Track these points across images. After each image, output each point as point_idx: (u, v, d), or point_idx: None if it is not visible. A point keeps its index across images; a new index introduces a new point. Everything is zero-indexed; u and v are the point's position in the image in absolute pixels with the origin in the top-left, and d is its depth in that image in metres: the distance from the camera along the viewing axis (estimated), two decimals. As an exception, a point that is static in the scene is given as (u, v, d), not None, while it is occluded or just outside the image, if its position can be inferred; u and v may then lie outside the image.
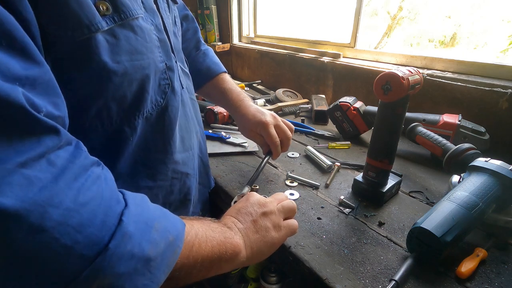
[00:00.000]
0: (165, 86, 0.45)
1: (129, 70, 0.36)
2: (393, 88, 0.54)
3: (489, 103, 0.86)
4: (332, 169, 0.77)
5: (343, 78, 1.24)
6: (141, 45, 0.38)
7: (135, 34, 0.37)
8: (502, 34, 1.42)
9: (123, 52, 0.35)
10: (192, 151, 0.57)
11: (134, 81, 0.38)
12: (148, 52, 0.39)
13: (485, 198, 0.51)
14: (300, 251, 0.52)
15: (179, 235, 0.32)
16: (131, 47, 0.36)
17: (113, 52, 0.34)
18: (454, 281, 0.46)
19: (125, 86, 0.37)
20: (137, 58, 0.38)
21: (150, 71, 0.40)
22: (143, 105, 0.41)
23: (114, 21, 0.34)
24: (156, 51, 0.42)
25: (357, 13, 1.20)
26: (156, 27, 0.42)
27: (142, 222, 0.29)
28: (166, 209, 0.34)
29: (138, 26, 0.37)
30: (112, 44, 0.34)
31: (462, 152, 0.66)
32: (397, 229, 0.57)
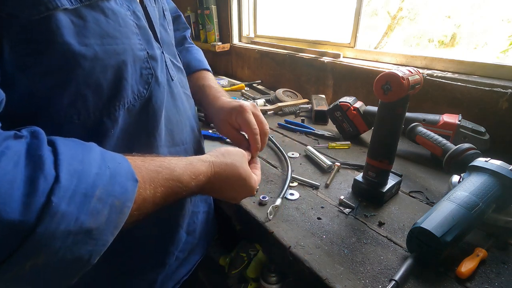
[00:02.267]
0: (147, 76, 0.42)
1: (100, 55, 0.34)
2: (393, 88, 0.54)
3: (489, 103, 0.86)
4: (332, 169, 0.77)
5: (343, 78, 1.24)
6: (113, 29, 0.36)
7: (106, 17, 0.35)
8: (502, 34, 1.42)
9: (92, 35, 0.33)
10: (185, 145, 0.54)
11: (108, 68, 0.36)
12: (122, 37, 0.37)
13: (485, 198, 0.51)
14: (300, 251, 0.52)
15: (129, 195, 0.30)
16: (101, 30, 0.34)
17: (79, 34, 0.32)
18: (454, 281, 0.46)
19: (97, 72, 0.35)
20: (109, 42, 0.35)
21: (126, 57, 0.38)
22: (123, 95, 0.39)
23: (80, 0, 0.32)
24: (134, 37, 0.40)
25: (357, 13, 1.20)
26: (134, 13, 0.40)
27: (79, 194, 0.26)
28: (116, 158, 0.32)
29: (109, 9, 0.35)
30: (78, 26, 0.32)
31: (462, 152, 0.66)
32: (397, 229, 0.57)
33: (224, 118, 0.59)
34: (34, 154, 0.25)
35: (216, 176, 0.44)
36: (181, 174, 0.39)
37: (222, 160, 0.46)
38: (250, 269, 1.06)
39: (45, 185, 0.24)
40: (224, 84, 1.60)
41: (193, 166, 0.41)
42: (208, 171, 0.43)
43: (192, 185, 0.40)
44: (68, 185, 0.25)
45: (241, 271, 1.11)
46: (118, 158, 0.32)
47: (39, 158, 0.25)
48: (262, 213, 0.62)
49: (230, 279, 1.14)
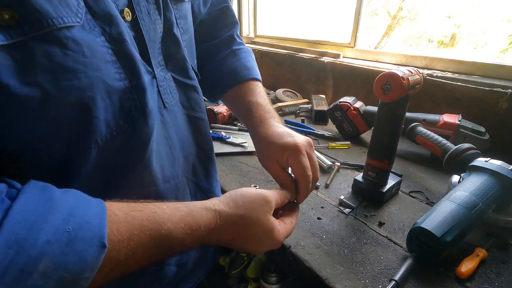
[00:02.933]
0: (130, 108, 0.36)
1: (52, 93, 0.29)
2: (393, 88, 0.54)
3: (489, 103, 0.86)
4: (332, 169, 0.77)
5: (343, 78, 1.24)
6: (74, 61, 0.30)
7: (63, 48, 0.29)
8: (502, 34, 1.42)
9: (41, 71, 0.28)
10: (176, 180, 0.47)
11: (66, 106, 0.30)
12: (87, 69, 0.31)
13: (485, 198, 0.51)
14: (300, 251, 0.52)
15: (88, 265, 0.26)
16: (54, 65, 0.29)
17: (22, 72, 0.27)
18: (454, 281, 0.46)
19: (51, 112, 0.29)
20: (65, 77, 0.30)
21: (94, 92, 0.32)
22: (94, 133, 0.33)
23: (23, 32, 0.26)
24: (107, 67, 0.34)
25: (357, 13, 1.20)
26: (111, 36, 0.34)
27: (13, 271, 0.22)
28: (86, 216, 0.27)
29: (69, 38, 0.29)
30: (21, 62, 0.27)
31: (462, 152, 0.66)
32: (397, 229, 0.57)
33: (273, 155, 0.49)
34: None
35: (223, 229, 0.37)
36: (171, 229, 0.33)
37: (233, 211, 0.38)
38: (250, 269, 1.06)
39: None
40: (224, 84, 1.60)
41: (192, 217, 0.35)
42: (211, 222, 0.36)
43: (188, 242, 0.34)
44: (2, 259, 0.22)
45: (241, 271, 1.11)
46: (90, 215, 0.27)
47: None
48: (262, 213, 0.61)
49: (230, 279, 1.14)
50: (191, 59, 0.51)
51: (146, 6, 0.39)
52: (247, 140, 0.91)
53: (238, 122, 1.09)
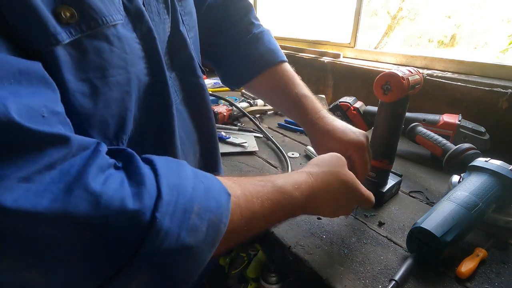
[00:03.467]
0: (150, 103, 0.38)
1: (101, 89, 0.30)
2: (393, 88, 0.54)
3: (489, 103, 0.86)
4: (332, 169, 0.77)
5: (343, 78, 1.24)
6: (118, 57, 0.31)
7: (110, 45, 0.30)
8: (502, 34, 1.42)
9: (92, 68, 0.29)
10: None
11: (111, 102, 0.32)
12: (128, 65, 0.33)
13: (485, 198, 0.51)
14: (300, 251, 0.52)
15: (224, 211, 0.29)
16: (102, 61, 0.30)
17: (77, 68, 0.28)
18: (454, 281, 0.46)
19: (100, 108, 0.31)
20: (111, 74, 0.31)
21: (131, 87, 0.34)
22: (127, 126, 0.35)
23: (81, 30, 0.27)
24: (139, 63, 0.35)
25: (357, 13, 1.20)
26: (141, 33, 0.35)
27: (180, 210, 0.25)
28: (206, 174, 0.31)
29: (114, 35, 0.30)
30: (76, 59, 0.27)
31: (462, 152, 0.66)
32: (397, 229, 0.57)
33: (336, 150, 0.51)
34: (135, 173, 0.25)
35: (318, 184, 0.41)
36: (283, 184, 0.37)
37: (320, 169, 0.43)
38: (250, 269, 1.06)
39: (149, 200, 0.24)
40: (224, 84, 1.60)
41: (292, 177, 0.40)
42: (309, 179, 0.41)
43: (297, 195, 0.38)
44: (169, 200, 0.25)
45: (241, 271, 1.11)
46: (208, 175, 0.31)
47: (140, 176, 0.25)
48: (262, 213, 0.61)
49: (230, 279, 1.14)
50: (197, 56, 0.51)
51: (156, 6, 0.39)
52: (247, 140, 0.92)
53: (238, 122, 1.09)
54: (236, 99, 1.29)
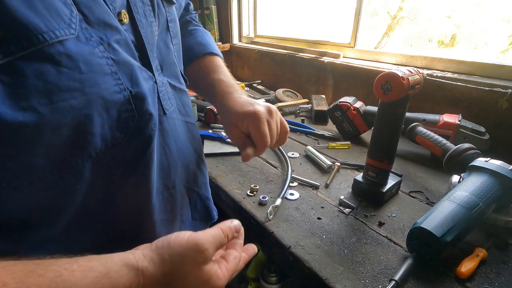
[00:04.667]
0: (127, 119, 0.34)
1: (48, 116, 0.26)
2: (393, 88, 0.54)
3: (489, 103, 0.86)
4: (332, 169, 0.77)
5: (343, 78, 1.24)
6: (69, 79, 0.27)
7: (56, 66, 0.26)
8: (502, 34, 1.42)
9: (35, 94, 0.25)
10: (170, 191, 0.46)
11: (62, 127, 0.28)
12: (85, 86, 0.28)
13: (485, 198, 0.51)
14: (300, 251, 0.52)
15: None
16: (48, 86, 0.26)
17: (13, 97, 0.24)
18: (454, 281, 0.46)
19: (47, 136, 0.27)
20: (61, 98, 0.27)
21: (91, 110, 0.29)
22: (87, 148, 0.31)
23: (10, 52, 0.23)
24: (106, 80, 0.31)
25: (357, 13, 1.20)
26: (109, 46, 0.31)
27: None
28: None
29: (62, 54, 0.26)
30: (11, 86, 0.24)
31: (462, 152, 0.66)
32: (397, 229, 0.57)
33: (234, 122, 0.50)
34: None
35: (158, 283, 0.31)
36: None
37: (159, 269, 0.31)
38: (250, 269, 1.06)
39: None
40: (224, 84, 1.60)
41: (109, 278, 0.28)
42: (133, 284, 0.30)
43: None
44: None
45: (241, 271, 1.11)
46: None
47: None
48: (262, 213, 0.62)
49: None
50: (179, 64, 0.51)
51: (142, 8, 0.37)
52: None
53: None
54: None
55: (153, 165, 0.39)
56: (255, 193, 0.68)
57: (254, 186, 0.69)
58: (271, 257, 0.95)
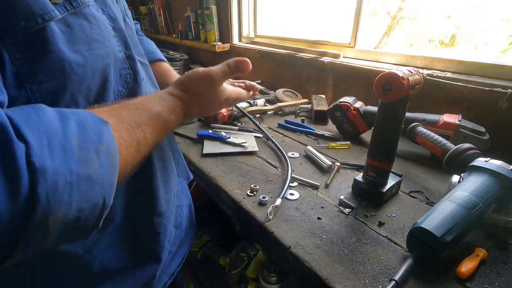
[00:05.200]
0: (126, 76, 0.45)
1: (89, 61, 0.36)
2: (393, 88, 0.54)
3: (489, 103, 0.86)
4: (332, 169, 0.77)
5: (343, 78, 1.24)
6: (96, 33, 0.38)
7: (89, 23, 0.37)
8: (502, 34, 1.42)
9: (80, 41, 0.35)
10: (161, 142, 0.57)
11: (96, 72, 0.38)
12: (105, 41, 0.39)
13: (485, 198, 0.51)
14: (300, 251, 0.52)
15: (107, 138, 0.30)
16: (86, 36, 0.36)
17: (69, 42, 0.34)
18: (454, 281, 0.46)
19: (88, 77, 0.37)
20: (94, 47, 0.37)
21: (110, 60, 0.40)
22: (107, 96, 0.42)
23: (66, 9, 0.33)
24: (113, 40, 0.42)
25: (357, 13, 1.20)
26: (109, 16, 0.42)
27: (57, 149, 0.25)
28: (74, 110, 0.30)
29: (90, 15, 0.37)
30: (67, 34, 0.34)
31: (462, 152, 0.66)
32: (397, 229, 0.57)
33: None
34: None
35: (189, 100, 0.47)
36: (160, 111, 0.41)
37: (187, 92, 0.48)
38: (250, 269, 1.06)
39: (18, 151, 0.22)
40: (224, 84, 1.60)
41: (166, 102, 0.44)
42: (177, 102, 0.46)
43: (173, 119, 0.43)
44: (40, 145, 0.24)
45: (241, 271, 1.11)
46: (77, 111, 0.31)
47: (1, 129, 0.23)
48: (262, 213, 0.62)
49: (230, 279, 1.14)
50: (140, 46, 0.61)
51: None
52: (247, 140, 0.92)
53: (238, 122, 1.09)
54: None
55: None
56: (255, 193, 0.68)
57: (254, 186, 0.69)
58: (271, 257, 0.95)
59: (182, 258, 0.67)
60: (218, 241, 1.36)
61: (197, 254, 1.32)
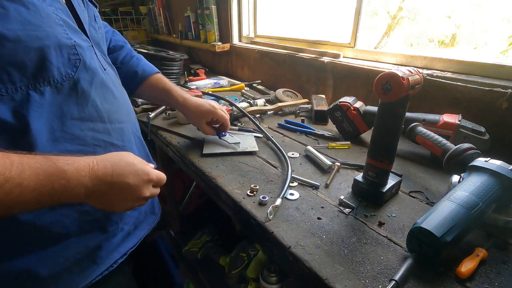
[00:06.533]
0: (75, 61, 0.51)
1: (22, 38, 0.43)
2: (393, 88, 0.54)
3: (489, 103, 0.86)
4: (332, 169, 0.77)
5: (343, 78, 1.24)
6: (34, 18, 0.44)
7: (26, 8, 0.43)
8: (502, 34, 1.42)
9: (14, 21, 0.42)
10: (121, 124, 0.62)
11: (31, 50, 0.44)
12: (44, 25, 0.45)
13: (485, 198, 0.51)
14: (300, 251, 0.52)
15: None
16: (22, 19, 0.43)
17: (3, 21, 0.41)
18: (454, 281, 0.46)
19: (21, 53, 0.43)
20: (31, 28, 0.44)
21: (49, 42, 0.46)
22: (48, 74, 0.47)
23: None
24: (57, 28, 0.48)
25: (357, 13, 1.20)
26: (57, 9, 0.49)
27: None
28: None
29: (29, 2, 0.44)
30: (1, 14, 0.41)
31: (462, 152, 0.66)
32: (397, 229, 0.57)
33: (203, 117, 0.86)
34: None
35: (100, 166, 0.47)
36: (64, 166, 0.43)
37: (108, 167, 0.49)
38: (250, 269, 1.06)
39: None
40: (224, 84, 1.60)
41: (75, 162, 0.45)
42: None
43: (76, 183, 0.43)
44: None
45: (241, 271, 1.11)
46: None
47: None
48: (262, 213, 0.62)
49: (230, 279, 1.14)
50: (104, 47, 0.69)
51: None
52: (241, 140, 0.93)
53: (238, 122, 1.09)
54: (236, 99, 1.29)
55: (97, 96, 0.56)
56: (255, 193, 0.68)
57: (254, 186, 0.69)
58: (271, 257, 0.95)
59: (137, 240, 0.67)
60: (218, 241, 1.37)
61: (197, 254, 1.32)
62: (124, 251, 0.64)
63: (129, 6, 2.76)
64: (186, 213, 1.55)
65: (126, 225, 0.64)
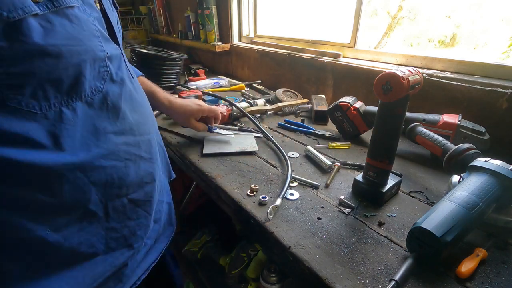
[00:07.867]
0: (104, 73, 0.49)
1: (64, 54, 0.41)
2: (393, 88, 0.54)
3: (489, 103, 0.86)
4: (332, 169, 0.77)
5: (343, 78, 1.24)
6: (77, 32, 0.42)
7: (70, 22, 0.41)
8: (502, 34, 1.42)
9: (59, 37, 0.40)
10: (149, 135, 0.60)
11: (70, 66, 0.42)
12: (85, 39, 0.44)
13: (485, 198, 0.51)
14: (300, 251, 0.52)
15: None
16: (66, 33, 0.41)
17: (48, 36, 0.39)
18: (454, 281, 0.46)
19: (60, 69, 0.41)
20: (72, 43, 0.42)
21: (87, 57, 0.44)
22: (81, 89, 0.45)
23: (47, 8, 0.38)
24: (95, 40, 0.46)
25: (357, 13, 1.20)
26: (95, 19, 0.47)
27: None
28: None
29: (73, 15, 0.42)
30: (47, 29, 0.39)
31: (462, 152, 0.66)
32: (397, 229, 0.57)
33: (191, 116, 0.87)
34: None
35: None
36: None
37: None
38: (250, 269, 1.06)
39: None
40: (224, 84, 1.60)
41: None
42: None
43: None
44: None
45: (241, 271, 1.11)
46: None
47: None
48: (262, 213, 0.62)
49: (230, 279, 1.14)
50: None
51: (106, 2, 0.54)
52: (232, 132, 0.97)
53: (238, 122, 1.09)
54: (236, 99, 1.29)
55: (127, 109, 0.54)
56: (255, 193, 0.68)
57: (254, 186, 0.69)
58: (271, 257, 0.95)
59: (158, 254, 0.67)
60: (218, 241, 1.37)
61: (197, 254, 1.32)
62: (146, 267, 0.63)
63: (129, 6, 2.76)
64: (186, 213, 1.55)
65: (149, 239, 0.63)
